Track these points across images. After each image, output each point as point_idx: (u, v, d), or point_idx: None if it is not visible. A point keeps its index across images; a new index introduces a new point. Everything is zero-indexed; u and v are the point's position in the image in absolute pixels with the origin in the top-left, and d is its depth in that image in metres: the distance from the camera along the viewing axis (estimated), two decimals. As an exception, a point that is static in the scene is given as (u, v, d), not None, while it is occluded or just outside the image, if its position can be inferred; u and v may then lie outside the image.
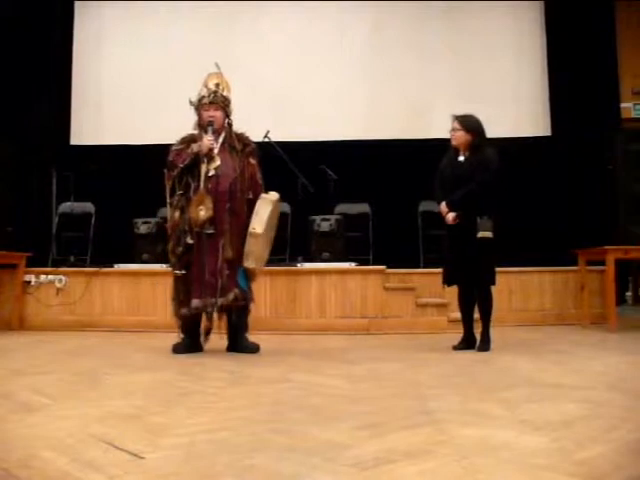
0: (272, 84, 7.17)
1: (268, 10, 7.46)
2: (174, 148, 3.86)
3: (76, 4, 7.67)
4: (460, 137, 3.93)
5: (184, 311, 3.72)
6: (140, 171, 6.86)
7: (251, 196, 3.83)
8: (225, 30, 7.49)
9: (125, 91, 7.43)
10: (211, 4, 7.47)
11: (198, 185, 3.73)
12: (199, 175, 3.75)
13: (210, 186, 3.72)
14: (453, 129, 3.97)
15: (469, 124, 3.93)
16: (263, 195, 3.82)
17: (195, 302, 3.66)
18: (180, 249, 3.74)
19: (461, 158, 3.95)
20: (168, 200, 3.83)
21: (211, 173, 3.74)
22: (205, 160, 3.76)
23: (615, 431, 1.82)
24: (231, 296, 3.68)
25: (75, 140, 7.53)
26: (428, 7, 7.43)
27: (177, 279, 3.79)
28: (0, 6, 6.91)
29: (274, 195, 3.85)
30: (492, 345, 3.87)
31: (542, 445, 1.67)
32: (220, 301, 3.66)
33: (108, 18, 7.68)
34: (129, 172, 7.06)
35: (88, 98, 7.54)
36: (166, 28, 7.52)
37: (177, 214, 3.77)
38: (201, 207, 3.68)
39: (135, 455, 1.60)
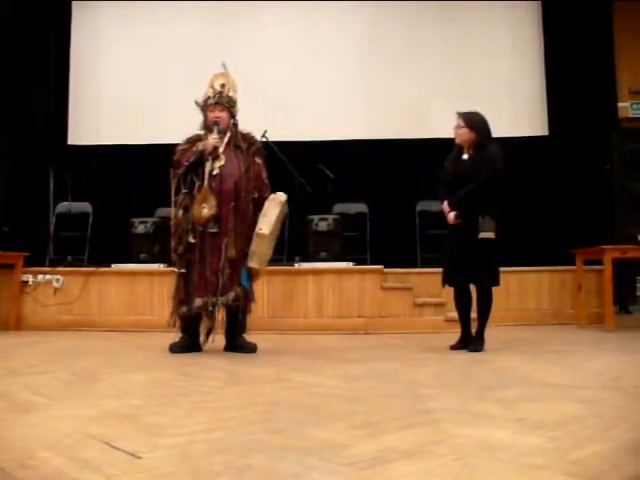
0: (270, 83, 7.15)
1: (267, 10, 7.45)
2: (180, 147, 3.87)
3: (73, 4, 7.64)
4: (464, 134, 3.85)
5: (184, 310, 3.72)
6: (137, 171, 6.87)
7: (256, 195, 3.82)
8: (224, 30, 7.47)
9: (123, 91, 7.41)
10: (210, 4, 7.46)
11: (202, 183, 3.73)
12: (203, 173, 3.74)
13: (214, 185, 3.71)
14: (457, 126, 3.88)
15: (473, 121, 3.84)
16: (272, 196, 3.79)
17: (198, 301, 3.66)
18: (181, 247, 3.75)
19: (465, 156, 3.88)
20: (173, 199, 3.83)
21: (215, 172, 3.74)
22: (210, 159, 3.75)
23: (612, 430, 1.83)
24: (232, 295, 3.67)
25: (72, 140, 7.51)
26: (426, 7, 7.42)
27: (179, 277, 3.79)
28: (-2, 6, 6.90)
29: (282, 196, 3.80)
30: (488, 345, 3.86)
31: (539, 444, 1.67)
32: (221, 300, 3.66)
33: (106, 17, 7.66)
34: (126, 172, 7.05)
35: (85, 98, 7.53)
36: (164, 27, 7.50)
37: (180, 212, 3.78)
38: (204, 205, 3.67)
39: (132, 455, 1.60)
